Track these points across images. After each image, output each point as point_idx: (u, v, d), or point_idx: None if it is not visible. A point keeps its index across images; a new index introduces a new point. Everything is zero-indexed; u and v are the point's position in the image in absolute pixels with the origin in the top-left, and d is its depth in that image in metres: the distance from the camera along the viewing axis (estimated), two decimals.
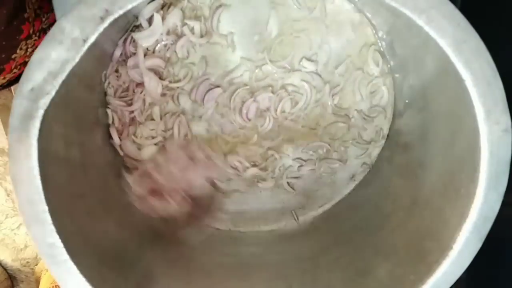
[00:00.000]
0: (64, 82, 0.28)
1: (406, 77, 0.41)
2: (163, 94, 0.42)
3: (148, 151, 0.42)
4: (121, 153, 0.43)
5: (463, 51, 0.28)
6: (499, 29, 0.37)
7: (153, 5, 0.39)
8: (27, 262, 0.98)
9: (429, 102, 0.37)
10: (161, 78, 0.41)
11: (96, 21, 0.28)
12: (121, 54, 0.40)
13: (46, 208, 0.28)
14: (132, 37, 0.39)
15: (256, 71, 0.42)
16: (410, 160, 0.40)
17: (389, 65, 0.43)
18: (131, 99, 0.41)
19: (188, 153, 0.39)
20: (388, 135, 0.45)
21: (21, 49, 0.44)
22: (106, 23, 0.28)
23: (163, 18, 0.39)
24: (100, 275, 0.32)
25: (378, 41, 0.42)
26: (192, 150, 0.39)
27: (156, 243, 0.42)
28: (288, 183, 0.46)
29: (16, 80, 0.50)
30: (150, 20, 0.39)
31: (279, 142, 0.44)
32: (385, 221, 0.40)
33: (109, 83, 0.41)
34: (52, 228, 0.28)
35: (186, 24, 0.40)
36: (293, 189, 0.46)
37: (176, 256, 0.42)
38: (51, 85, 0.28)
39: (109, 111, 0.41)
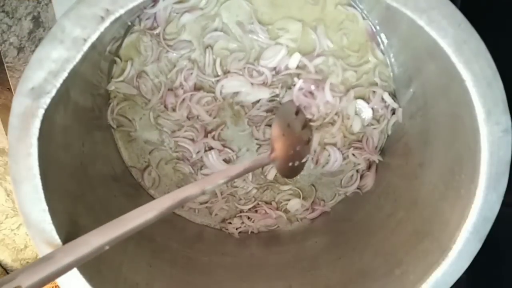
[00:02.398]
0: (64, 81, 0.28)
1: (406, 77, 0.41)
2: None
3: None
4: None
5: (463, 52, 0.28)
6: (499, 30, 0.37)
7: None
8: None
9: (429, 102, 0.37)
10: None
11: (97, 20, 0.28)
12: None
13: (46, 207, 0.28)
14: None
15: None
16: (410, 160, 0.40)
17: (389, 65, 0.43)
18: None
19: None
20: (388, 135, 0.45)
21: None
22: (107, 22, 0.28)
23: None
24: (100, 275, 0.32)
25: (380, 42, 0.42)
26: None
27: (155, 243, 0.42)
28: None
29: None
30: None
31: None
32: (385, 221, 0.40)
33: None
34: (52, 228, 0.28)
35: None
36: None
37: (175, 256, 0.42)
38: (51, 84, 0.28)
39: None
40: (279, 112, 0.43)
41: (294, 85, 0.42)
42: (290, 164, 0.42)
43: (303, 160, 0.43)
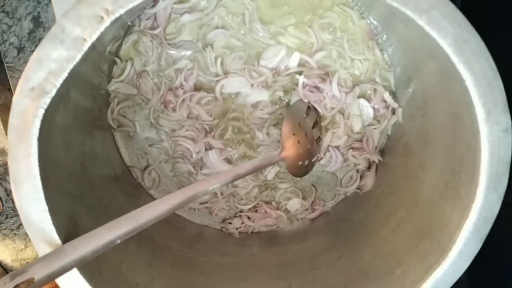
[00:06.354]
0: (64, 81, 0.28)
1: (406, 77, 0.41)
2: None
3: None
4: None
5: (463, 51, 0.28)
6: (499, 30, 0.37)
7: None
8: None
9: (429, 102, 0.37)
10: None
11: (97, 20, 0.28)
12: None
13: (46, 207, 0.28)
14: None
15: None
16: (410, 160, 0.40)
17: (389, 64, 0.43)
18: None
19: None
20: (388, 135, 0.45)
21: None
22: (107, 22, 0.28)
23: None
24: (100, 275, 0.32)
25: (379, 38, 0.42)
26: None
27: (155, 243, 0.42)
28: None
29: None
30: None
31: None
32: (385, 221, 0.40)
33: None
34: (52, 228, 0.28)
35: None
36: None
37: (175, 256, 0.42)
38: (51, 84, 0.28)
39: None
40: (290, 110, 0.43)
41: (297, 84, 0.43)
42: (300, 163, 0.42)
43: (313, 159, 0.43)
